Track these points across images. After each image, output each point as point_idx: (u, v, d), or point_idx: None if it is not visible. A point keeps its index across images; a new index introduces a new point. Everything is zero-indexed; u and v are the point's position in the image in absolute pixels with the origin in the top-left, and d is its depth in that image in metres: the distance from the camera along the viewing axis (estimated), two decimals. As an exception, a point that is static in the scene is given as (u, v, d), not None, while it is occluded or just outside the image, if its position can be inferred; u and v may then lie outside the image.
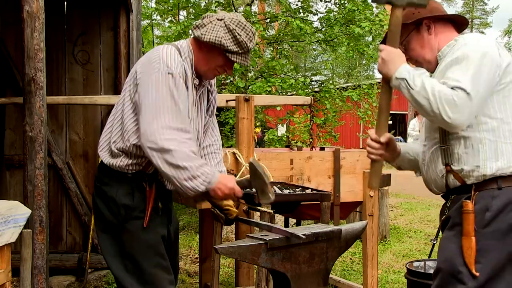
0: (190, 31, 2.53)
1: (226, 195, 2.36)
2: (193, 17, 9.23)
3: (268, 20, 9.98)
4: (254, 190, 2.44)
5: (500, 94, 2.05)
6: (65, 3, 4.97)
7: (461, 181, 2.09)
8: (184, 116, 2.33)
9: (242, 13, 9.13)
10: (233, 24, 2.36)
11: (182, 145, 2.23)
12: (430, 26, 2.25)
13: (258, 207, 2.92)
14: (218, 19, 2.38)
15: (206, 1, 10.49)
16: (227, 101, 4.16)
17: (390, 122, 24.77)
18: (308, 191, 3.23)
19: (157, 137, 2.21)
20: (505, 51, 2.12)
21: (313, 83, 10.31)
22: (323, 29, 9.46)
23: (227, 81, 8.43)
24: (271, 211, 2.87)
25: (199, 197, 2.48)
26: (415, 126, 11.17)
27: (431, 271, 2.44)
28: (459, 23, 2.31)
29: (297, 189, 3.27)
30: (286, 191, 3.19)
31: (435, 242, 3.54)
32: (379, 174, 2.22)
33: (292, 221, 5.11)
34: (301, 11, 9.21)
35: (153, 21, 9.13)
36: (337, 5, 9.51)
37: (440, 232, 2.28)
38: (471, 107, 1.94)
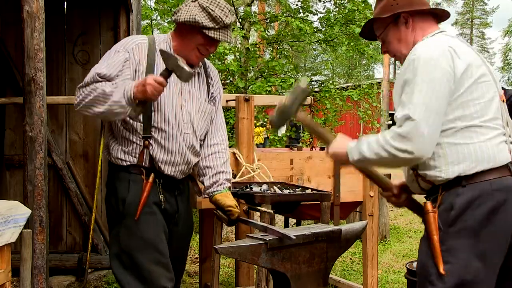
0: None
1: (151, 87, 2.27)
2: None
3: (268, 20, 9.98)
4: (171, 69, 2.34)
5: (458, 100, 1.98)
6: (65, 3, 4.97)
7: (430, 183, 2.07)
8: (104, 72, 2.39)
9: (242, 13, 9.13)
10: (206, 2, 2.43)
11: (88, 96, 2.36)
12: (408, 20, 2.19)
13: (258, 207, 2.92)
14: (192, 1, 2.46)
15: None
16: (227, 101, 4.16)
17: (390, 122, 24.74)
18: (308, 191, 3.23)
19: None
20: (464, 53, 2.02)
21: (313, 83, 10.31)
22: (323, 29, 9.46)
23: (227, 81, 8.43)
24: (271, 211, 2.87)
25: (135, 109, 2.37)
26: None
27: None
28: (439, 16, 2.26)
29: (297, 189, 3.27)
30: (286, 191, 3.19)
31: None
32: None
33: (292, 221, 5.11)
34: (301, 11, 9.21)
35: (152, 21, 9.12)
36: (337, 5, 9.51)
37: None
38: (422, 131, 1.90)
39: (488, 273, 1.95)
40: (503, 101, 2.11)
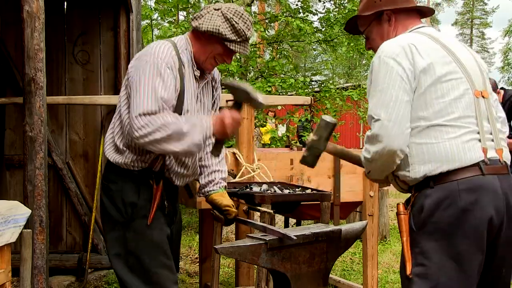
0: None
1: (230, 126, 2.29)
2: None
3: (268, 20, 9.99)
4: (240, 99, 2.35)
5: (420, 98, 1.96)
6: (65, 3, 4.97)
7: (405, 184, 2.06)
8: (168, 99, 2.27)
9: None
10: (230, 13, 2.39)
11: (159, 126, 2.18)
12: (391, 17, 2.18)
13: (258, 207, 2.92)
14: (215, 9, 2.41)
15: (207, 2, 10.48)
16: (227, 101, 4.15)
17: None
18: (308, 191, 3.23)
19: (133, 128, 2.19)
20: (428, 52, 1.98)
21: (313, 83, 10.31)
22: (323, 29, 9.47)
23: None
24: (271, 211, 2.87)
25: (217, 148, 2.40)
26: None
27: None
28: (424, 12, 2.24)
29: (297, 189, 3.27)
30: (286, 191, 3.19)
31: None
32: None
33: (292, 221, 5.11)
34: (301, 11, 9.22)
35: (152, 21, 9.13)
36: (337, 5, 9.52)
37: None
38: (387, 126, 1.91)
39: (464, 274, 1.91)
40: (484, 97, 2.04)
